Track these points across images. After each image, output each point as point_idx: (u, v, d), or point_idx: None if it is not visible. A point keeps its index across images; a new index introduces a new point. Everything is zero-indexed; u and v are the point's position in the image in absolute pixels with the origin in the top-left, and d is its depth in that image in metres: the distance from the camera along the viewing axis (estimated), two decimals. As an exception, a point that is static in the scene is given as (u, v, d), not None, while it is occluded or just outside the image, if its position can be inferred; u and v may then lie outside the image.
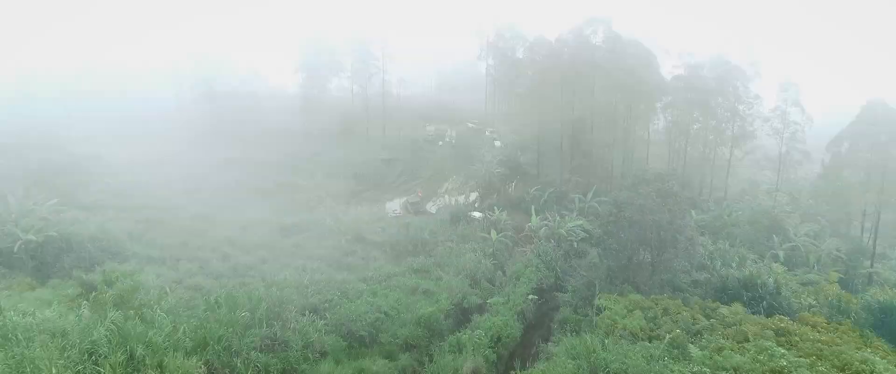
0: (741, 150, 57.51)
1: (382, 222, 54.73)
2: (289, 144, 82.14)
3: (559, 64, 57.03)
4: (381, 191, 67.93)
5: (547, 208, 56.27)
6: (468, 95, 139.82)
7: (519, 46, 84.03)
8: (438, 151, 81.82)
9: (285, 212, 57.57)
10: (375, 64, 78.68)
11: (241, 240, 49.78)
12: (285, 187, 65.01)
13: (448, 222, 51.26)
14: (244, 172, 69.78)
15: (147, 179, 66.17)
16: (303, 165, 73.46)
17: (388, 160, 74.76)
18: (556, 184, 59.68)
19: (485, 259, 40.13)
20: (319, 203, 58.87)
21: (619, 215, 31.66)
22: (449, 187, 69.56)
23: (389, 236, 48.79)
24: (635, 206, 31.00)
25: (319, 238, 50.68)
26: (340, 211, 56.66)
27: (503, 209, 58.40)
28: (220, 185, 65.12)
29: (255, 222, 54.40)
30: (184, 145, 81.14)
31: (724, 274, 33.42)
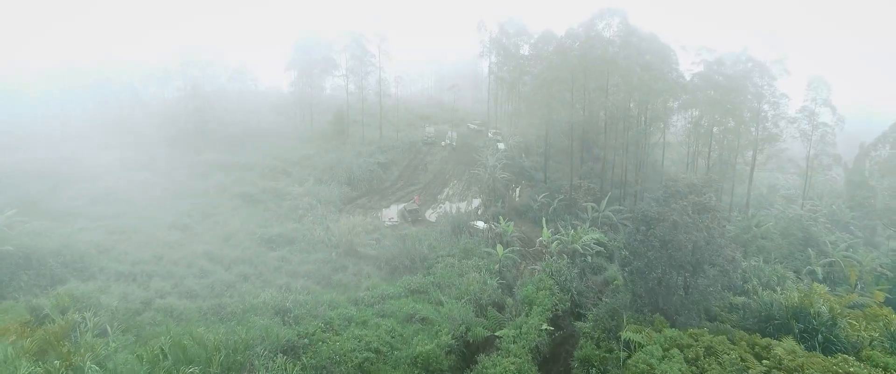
0: (764, 153, 52.98)
1: (377, 232, 50.22)
2: (279, 146, 77.59)
3: (568, 60, 52.53)
4: (376, 197, 63.42)
5: (556, 217, 51.81)
6: (469, 95, 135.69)
7: (523, 43, 79.53)
8: (438, 153, 77.33)
9: (272, 221, 53.12)
10: (371, 61, 74.18)
11: (221, 253, 45.34)
12: (273, 194, 60.45)
13: (449, 234, 46.79)
14: (230, 176, 65.24)
15: (126, 184, 61.66)
16: (293, 168, 68.90)
17: (385, 164, 70.27)
18: (566, 190, 55.19)
19: (490, 279, 35.62)
20: (309, 211, 54.31)
21: (648, 234, 27.15)
22: (449, 193, 65.07)
23: (384, 250, 44.31)
24: (668, 223, 26.49)
25: (307, 251, 46.24)
26: (331, 220, 52.11)
27: (509, 218, 53.89)
28: (203, 190, 60.61)
29: (238, 233, 49.91)
30: (168, 147, 76.61)
31: (767, 300, 28.92)
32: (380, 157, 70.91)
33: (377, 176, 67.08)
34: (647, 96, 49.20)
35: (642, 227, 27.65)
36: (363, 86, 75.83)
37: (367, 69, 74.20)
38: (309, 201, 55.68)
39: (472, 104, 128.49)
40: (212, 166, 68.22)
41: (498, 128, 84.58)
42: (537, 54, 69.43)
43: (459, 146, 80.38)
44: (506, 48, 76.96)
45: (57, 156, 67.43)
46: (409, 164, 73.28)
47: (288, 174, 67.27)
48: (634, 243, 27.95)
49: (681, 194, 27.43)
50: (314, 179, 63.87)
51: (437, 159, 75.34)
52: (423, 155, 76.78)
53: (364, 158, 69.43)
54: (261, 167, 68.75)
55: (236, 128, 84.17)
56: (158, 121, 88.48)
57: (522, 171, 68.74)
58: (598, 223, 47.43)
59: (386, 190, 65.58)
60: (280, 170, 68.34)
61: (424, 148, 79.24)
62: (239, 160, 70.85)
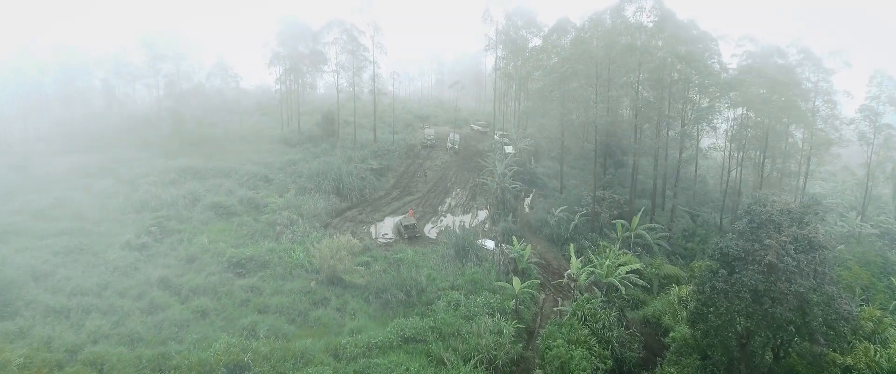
0: (820, 159, 45.31)
1: (368, 253, 42.58)
2: (262, 150, 69.91)
3: (589, 51, 44.92)
4: (368, 208, 55.76)
5: (578, 235, 44.14)
6: (472, 94, 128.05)
7: (532, 36, 71.89)
8: (439, 158, 69.66)
9: (245, 239, 45.49)
10: (364, 55, 66.55)
11: (179, 281, 37.80)
12: (250, 205, 52.78)
13: (452, 257, 39.12)
14: (204, 184, 57.56)
15: (81, 194, 54.01)
16: (275, 175, 61.20)
17: (379, 170, 62.61)
18: (587, 203, 47.54)
19: (506, 324, 27.92)
20: (289, 227, 46.64)
21: (732, 280, 19.49)
22: (451, 204, 57.39)
23: (374, 278, 36.64)
24: (760, 265, 18.82)
25: (283, 278, 38.62)
26: (314, 238, 44.44)
27: (521, 236, 46.22)
28: (170, 201, 52.81)
29: (204, 254, 42.27)
30: (137, 151, 68.98)
31: (888, 367, 21.21)
32: (373, 162, 63.25)
33: (370, 184, 59.39)
34: (686, 93, 41.70)
35: (722, 270, 20.00)
36: (355, 83, 68.16)
37: (359, 64, 66.56)
38: (289, 214, 48.00)
39: (475, 104, 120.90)
40: (184, 173, 60.49)
41: (505, 129, 76.93)
42: (552, 46, 61.82)
43: (462, 150, 72.73)
44: (514, 41, 69.33)
45: (5, 162, 59.71)
46: (407, 170, 65.62)
47: (269, 182, 59.60)
48: (710, 292, 20.31)
49: (775, 224, 19.81)
50: (298, 187, 56.17)
51: (437, 165, 67.71)
52: (422, 160, 69.14)
53: (355, 163, 61.76)
54: (239, 174, 61.04)
55: (216, 130, 76.45)
56: (131, 122, 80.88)
57: (534, 178, 61.10)
58: (630, 245, 39.80)
59: (379, 200, 57.90)
60: (261, 177, 60.64)
61: (423, 152, 71.59)
62: (216, 166, 63.13)
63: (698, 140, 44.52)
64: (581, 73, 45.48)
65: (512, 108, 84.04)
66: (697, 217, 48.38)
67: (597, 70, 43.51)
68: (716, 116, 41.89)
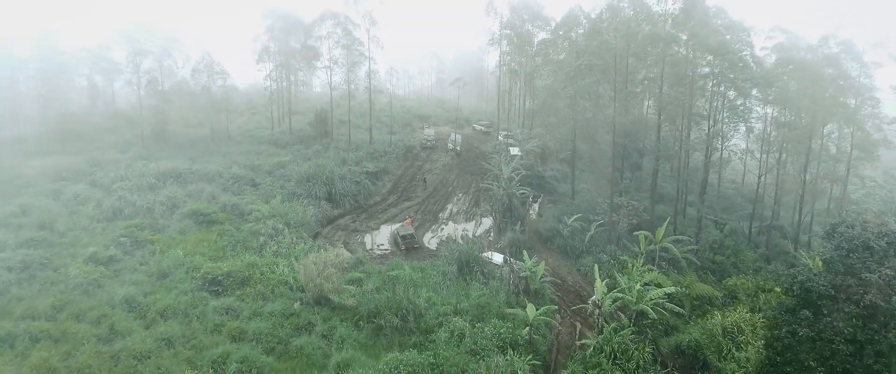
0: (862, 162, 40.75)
1: (360, 268, 38.13)
2: (250, 151, 65.48)
3: (606, 43, 40.47)
4: (363, 215, 51.32)
5: (594, 247, 39.69)
6: (474, 92, 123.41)
7: (539, 30, 67.39)
8: (439, 160, 65.19)
9: (225, 251, 41.07)
10: (359, 50, 62.09)
11: (146, 301, 33.50)
12: (233, 212, 48.33)
13: (455, 274, 34.63)
14: (185, 189, 53.18)
15: (49, 200, 49.60)
16: (263, 179, 56.78)
17: (375, 173, 58.11)
18: (603, 210, 43.08)
19: (520, 361, 23.44)
20: (274, 237, 42.18)
21: (818, 323, 15.05)
22: (453, 211, 52.92)
23: (366, 299, 32.15)
24: (856, 306, 14.37)
25: (264, 297, 34.21)
26: (302, 250, 40.06)
27: (531, 247, 41.75)
28: (146, 208, 48.47)
29: (177, 268, 37.92)
30: (118, 153, 64.54)
31: None
32: (368, 164, 58.74)
33: (365, 189, 54.90)
34: (717, 89, 37.21)
35: (804, 311, 15.56)
36: (350, 80, 63.69)
37: (354, 60, 62.07)
38: (274, 223, 43.49)
39: (477, 103, 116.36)
40: (164, 176, 56.06)
41: (509, 129, 72.46)
42: (562, 39, 57.34)
43: (464, 151, 68.28)
44: (519, 35, 64.83)
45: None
46: (405, 173, 61.15)
47: (256, 186, 55.18)
48: (788, 340, 15.85)
49: (872, 252, 15.36)
50: (286, 193, 51.68)
51: (438, 168, 63.26)
52: (421, 162, 64.68)
53: (349, 166, 57.27)
54: (224, 178, 56.62)
55: (202, 130, 72.03)
56: (114, 122, 76.37)
57: (542, 182, 56.62)
58: (654, 259, 35.32)
59: (375, 207, 53.44)
60: (247, 181, 56.21)
61: (423, 154, 67.13)
62: (199, 169, 58.70)
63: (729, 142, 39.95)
64: (597, 67, 41.03)
65: (516, 107, 79.59)
66: (724, 226, 43.93)
67: (615, 64, 39.07)
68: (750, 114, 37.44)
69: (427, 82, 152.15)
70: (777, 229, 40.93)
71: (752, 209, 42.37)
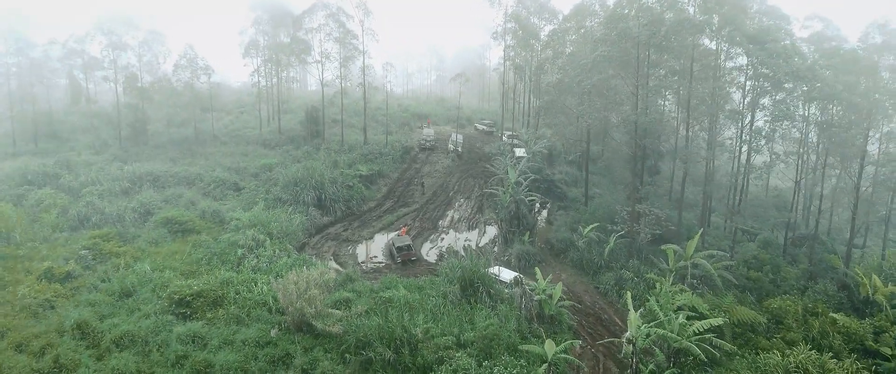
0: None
1: (349, 286, 33.66)
2: (235, 152, 60.99)
3: (625, 33, 35.97)
4: (355, 223, 46.84)
5: (615, 262, 35.20)
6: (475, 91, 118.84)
7: (546, 23, 62.94)
8: (439, 162, 60.71)
9: (199, 265, 36.62)
10: (354, 44, 57.62)
11: (101, 326, 28.93)
12: (213, 220, 43.90)
13: (457, 295, 30.13)
14: (162, 194, 48.75)
15: (8, 208, 44.92)
16: (248, 183, 52.32)
17: (369, 176, 53.61)
18: (622, 219, 38.63)
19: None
20: (254, 250, 37.66)
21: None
22: (454, 218, 48.41)
23: (355, 325, 27.63)
24: None
25: (238, 321, 29.68)
26: (284, 264, 35.54)
27: (543, 261, 37.32)
28: (117, 215, 43.95)
29: (143, 286, 33.48)
30: (91, 153, 60.01)
31: None
32: (362, 167, 54.23)
33: (358, 194, 50.39)
34: (756, 82, 32.81)
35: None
36: (344, 76, 59.21)
37: (347, 54, 57.57)
38: (254, 234, 38.95)
39: (478, 102, 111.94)
40: (140, 180, 51.63)
41: (514, 129, 67.99)
42: (574, 28, 52.89)
43: (466, 153, 63.83)
44: (525, 28, 60.36)
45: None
46: (402, 176, 56.66)
47: (239, 191, 50.69)
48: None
49: None
50: (271, 198, 47.18)
51: (437, 170, 58.79)
52: (419, 164, 60.20)
53: (341, 168, 52.76)
54: (205, 181, 52.15)
55: (185, 130, 67.48)
56: (93, 121, 71.76)
57: (550, 187, 52.16)
58: (686, 277, 30.84)
59: (369, 213, 48.93)
60: (230, 185, 51.71)
61: (421, 155, 62.65)
62: (180, 171, 54.23)
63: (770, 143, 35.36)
64: (616, 59, 36.59)
65: (521, 106, 75.13)
66: (755, 236, 39.50)
67: (637, 55, 34.67)
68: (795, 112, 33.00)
69: (426, 81, 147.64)
70: (817, 240, 36.49)
71: (788, 219, 37.88)
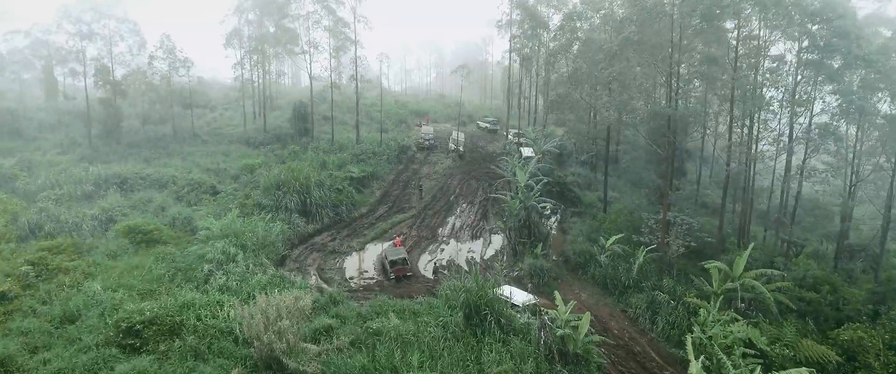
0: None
1: (332, 309, 28.43)
2: (216, 152, 55.88)
3: (656, 11, 30.85)
4: (345, 232, 41.64)
5: (646, 280, 30.00)
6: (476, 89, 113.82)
7: (555, 12, 57.80)
8: (439, 163, 55.53)
9: (161, 283, 31.36)
10: (345, 33, 52.48)
11: (28, 364, 23.74)
12: (183, 229, 38.77)
13: (461, 324, 24.92)
14: (129, 199, 43.68)
15: (-47, 214, 39.86)
16: (227, 186, 47.18)
17: (361, 179, 48.42)
18: (650, 230, 33.46)
19: None
20: (224, 265, 32.42)
21: None
22: (456, 225, 43.22)
23: (335, 365, 22.50)
24: None
25: (196, 356, 24.44)
26: (257, 282, 30.33)
27: (559, 280, 32.13)
28: (74, 224, 38.79)
29: (89, 309, 28.31)
30: (57, 153, 54.86)
31: None
32: (354, 168, 49.03)
33: (348, 198, 45.17)
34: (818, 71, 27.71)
35: None
36: (334, 68, 54.04)
37: (338, 43, 52.39)
38: (225, 246, 33.73)
39: (480, 100, 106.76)
40: (107, 183, 46.53)
41: (520, 127, 62.81)
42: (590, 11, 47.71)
43: (468, 152, 58.68)
44: (532, 15, 55.20)
45: None
46: (397, 179, 51.48)
47: (216, 195, 45.52)
48: None
49: None
50: (251, 203, 42.00)
51: (437, 172, 53.61)
52: (417, 165, 55.04)
53: (330, 170, 47.59)
54: (180, 184, 46.99)
55: (164, 128, 62.35)
56: (65, 117, 66.64)
57: (563, 190, 46.95)
58: (735, 301, 25.64)
59: (360, 220, 43.74)
60: (207, 188, 46.55)
61: (419, 155, 57.50)
62: (152, 173, 49.12)
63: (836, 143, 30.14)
64: (645, 45, 31.45)
65: (528, 101, 69.93)
66: (801, 249, 34.31)
67: (671, 39, 29.56)
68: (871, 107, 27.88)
69: (425, 79, 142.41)
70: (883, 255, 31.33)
71: (841, 228, 32.69)
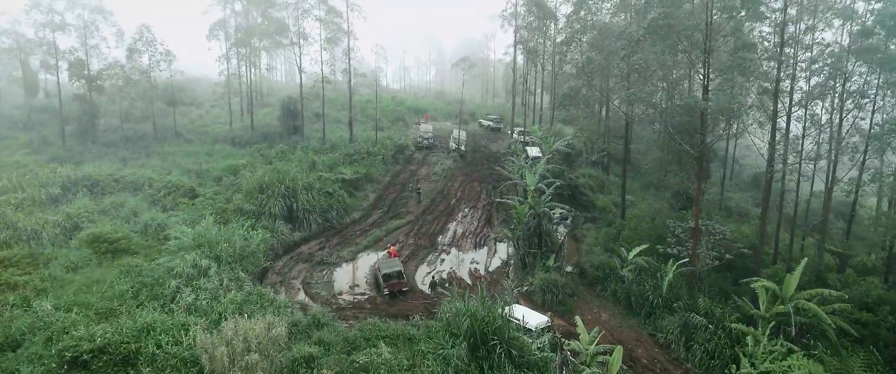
0: None
1: (315, 334, 24.49)
2: (199, 152, 51.99)
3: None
4: (335, 240, 37.70)
5: (676, 299, 26.06)
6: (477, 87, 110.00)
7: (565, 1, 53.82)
8: (439, 164, 51.60)
9: (123, 301, 27.37)
10: (337, 23, 48.61)
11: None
12: (155, 237, 34.81)
13: (465, 357, 20.99)
14: (99, 204, 39.76)
15: None
16: (206, 189, 43.23)
17: (353, 181, 44.49)
18: (675, 237, 29.55)
19: None
20: (194, 279, 28.46)
21: None
22: (457, 232, 39.27)
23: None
24: None
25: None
26: (231, 301, 26.38)
27: (575, 297, 28.24)
28: (33, 231, 34.90)
29: (36, 332, 24.37)
30: (27, 154, 50.93)
31: None
32: (346, 169, 45.10)
33: (339, 202, 41.19)
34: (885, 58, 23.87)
35: None
36: (325, 61, 50.14)
37: (330, 34, 48.49)
38: (196, 258, 29.77)
39: (481, 98, 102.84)
40: (76, 185, 42.64)
41: (525, 125, 58.87)
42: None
43: (470, 152, 54.76)
44: (540, 4, 51.26)
45: None
46: (394, 181, 47.56)
47: (195, 198, 41.57)
48: None
49: None
50: (232, 208, 38.05)
51: (436, 173, 49.67)
52: (415, 166, 51.13)
53: (320, 171, 43.67)
54: (156, 187, 43.08)
55: (144, 126, 58.41)
56: (39, 116, 62.66)
57: (574, 193, 42.99)
58: (789, 328, 21.72)
59: (352, 227, 39.78)
60: (184, 191, 42.58)
61: (418, 155, 53.59)
62: (127, 175, 45.24)
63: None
64: (673, 29, 27.57)
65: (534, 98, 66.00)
66: (850, 259, 30.40)
67: (708, 20, 25.71)
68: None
69: (425, 77, 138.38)
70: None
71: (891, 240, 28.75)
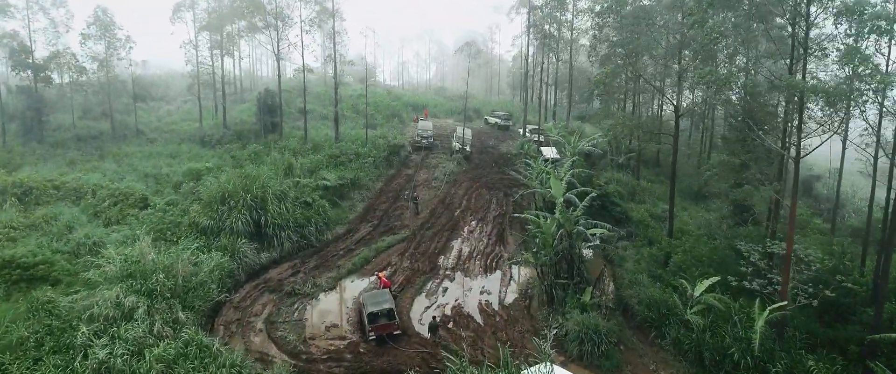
0: None
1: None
2: (162, 153, 44.94)
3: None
4: (312, 264, 30.65)
5: (774, 360, 19.08)
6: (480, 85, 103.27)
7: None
8: (439, 167, 44.63)
9: (12, 354, 20.36)
10: (321, 2, 41.70)
11: None
12: (89, 258, 27.70)
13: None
14: (28, 216, 32.78)
15: None
16: (162, 198, 36.13)
17: (337, 188, 37.41)
18: (753, 267, 22.62)
19: None
20: (116, 323, 21.41)
21: None
22: (462, 252, 32.22)
23: None
24: None
25: None
26: (159, 357, 19.34)
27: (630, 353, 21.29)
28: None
29: None
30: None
31: None
32: (329, 174, 38.02)
33: (319, 214, 34.06)
34: None
35: None
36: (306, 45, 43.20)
37: (313, 13, 41.57)
38: (121, 293, 22.63)
39: (484, 95, 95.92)
40: (3, 195, 35.52)
41: (539, 122, 51.90)
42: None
43: (476, 153, 47.80)
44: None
45: None
46: (386, 187, 40.53)
47: (144, 209, 34.45)
48: None
49: None
50: (187, 223, 30.99)
51: (437, 178, 42.68)
52: (412, 170, 44.11)
53: (297, 176, 36.62)
54: (101, 195, 35.93)
55: (102, 124, 51.33)
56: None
57: (604, 204, 35.89)
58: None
59: (334, 245, 32.71)
60: (135, 200, 35.46)
61: (416, 157, 46.60)
62: (71, 181, 38.11)
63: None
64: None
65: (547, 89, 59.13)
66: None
67: None
68: None
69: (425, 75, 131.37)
70: None
71: None
